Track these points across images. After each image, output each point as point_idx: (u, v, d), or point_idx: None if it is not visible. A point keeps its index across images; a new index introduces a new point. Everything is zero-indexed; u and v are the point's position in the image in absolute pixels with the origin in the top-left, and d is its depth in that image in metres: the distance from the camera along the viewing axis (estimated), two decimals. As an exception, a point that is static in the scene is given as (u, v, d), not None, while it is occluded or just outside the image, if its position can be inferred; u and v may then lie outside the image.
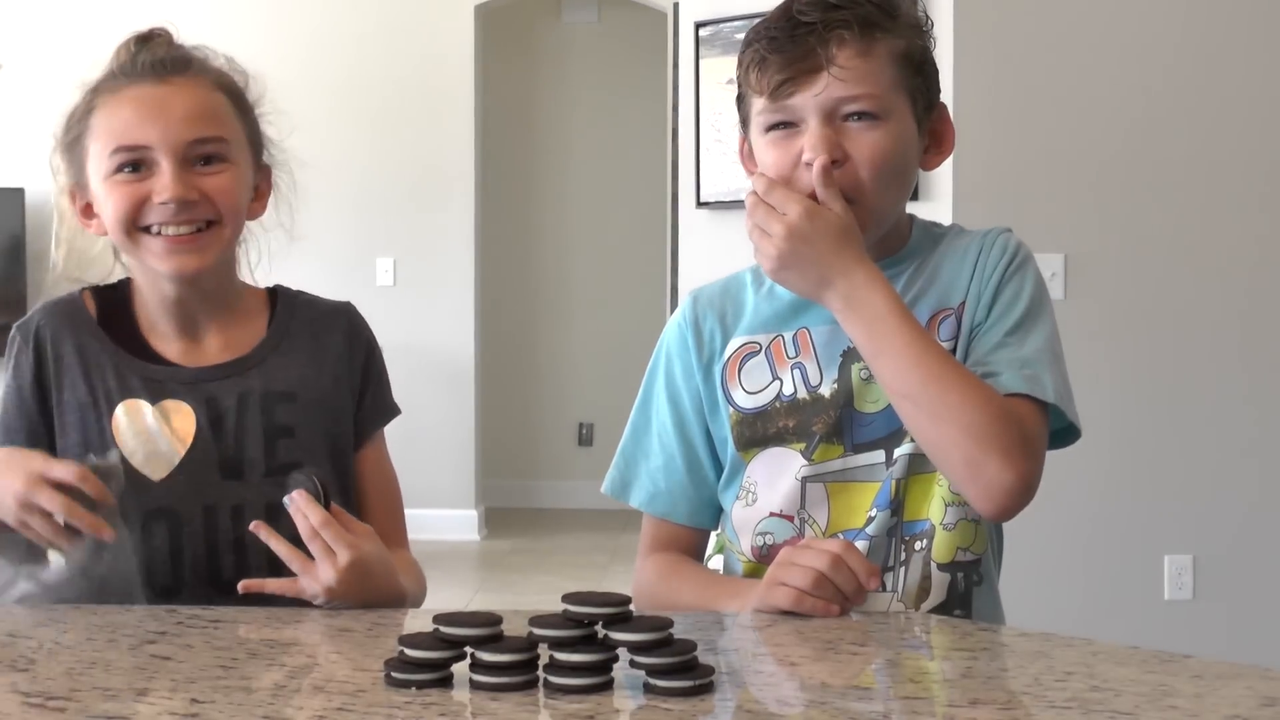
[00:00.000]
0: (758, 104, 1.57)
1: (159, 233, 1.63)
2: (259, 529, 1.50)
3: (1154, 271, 3.74)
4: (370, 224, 6.61)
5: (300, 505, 1.49)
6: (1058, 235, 3.69)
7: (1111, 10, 3.75)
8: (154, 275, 1.67)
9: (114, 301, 1.71)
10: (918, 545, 1.56)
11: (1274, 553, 3.73)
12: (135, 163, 1.62)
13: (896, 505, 1.56)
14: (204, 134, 1.64)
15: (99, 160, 1.64)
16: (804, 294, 1.54)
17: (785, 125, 1.55)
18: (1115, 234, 3.74)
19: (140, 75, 1.64)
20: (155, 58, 1.65)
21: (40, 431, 1.65)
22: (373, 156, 6.60)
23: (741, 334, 1.65)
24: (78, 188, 1.68)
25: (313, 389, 1.70)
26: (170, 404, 1.65)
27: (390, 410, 1.80)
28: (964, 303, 1.58)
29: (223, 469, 1.64)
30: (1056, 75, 3.73)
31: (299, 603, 1.49)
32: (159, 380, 1.66)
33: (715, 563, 1.75)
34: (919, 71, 1.58)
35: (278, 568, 1.55)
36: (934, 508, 1.56)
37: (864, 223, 1.54)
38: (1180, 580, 3.71)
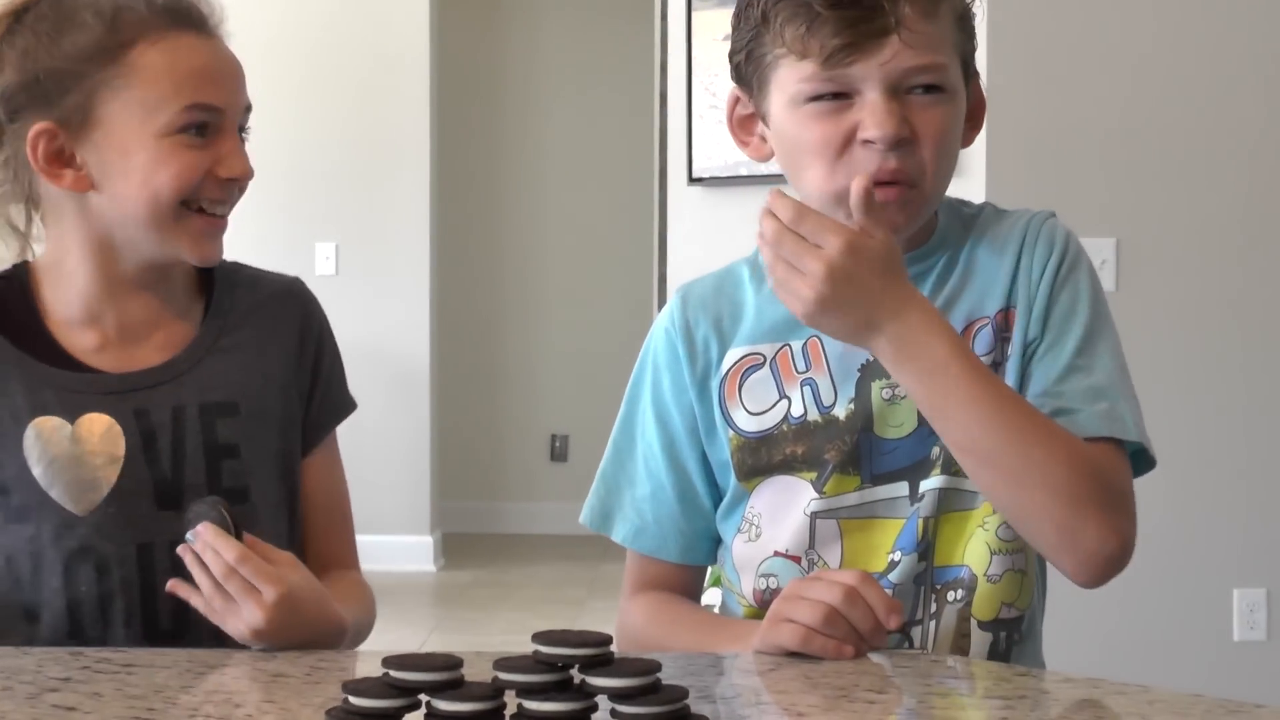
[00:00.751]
0: (798, 69, 1.53)
1: (207, 211, 1.63)
2: (176, 589, 1.50)
3: (1221, 259, 3.74)
4: (309, 203, 6.60)
5: (209, 540, 1.47)
6: (1108, 217, 3.70)
7: (1171, -45, 3.76)
8: (111, 254, 1.64)
9: (12, 296, 1.68)
10: (951, 595, 1.57)
11: (1360, 586, 3.74)
12: (204, 125, 1.62)
13: (925, 548, 1.56)
14: (249, 102, 1.68)
15: (152, 110, 1.60)
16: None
17: (835, 97, 1.52)
18: (1176, 215, 3.74)
19: (187, 24, 1.64)
20: (193, 7, 1.65)
21: None
22: (311, 124, 6.59)
23: (742, 343, 1.64)
24: (64, 128, 1.61)
25: (258, 397, 1.69)
26: (93, 420, 1.63)
27: (345, 406, 1.80)
28: (1005, 310, 1.57)
29: (159, 498, 1.62)
30: (1106, 33, 3.74)
31: (225, 642, 1.49)
32: (78, 391, 1.64)
33: (711, 596, 1.75)
34: (970, 34, 1.58)
35: None
36: (974, 553, 1.56)
37: (919, 213, 1.55)
38: (1252, 618, 3.72)
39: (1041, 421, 1.47)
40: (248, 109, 1.68)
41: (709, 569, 1.74)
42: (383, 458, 6.48)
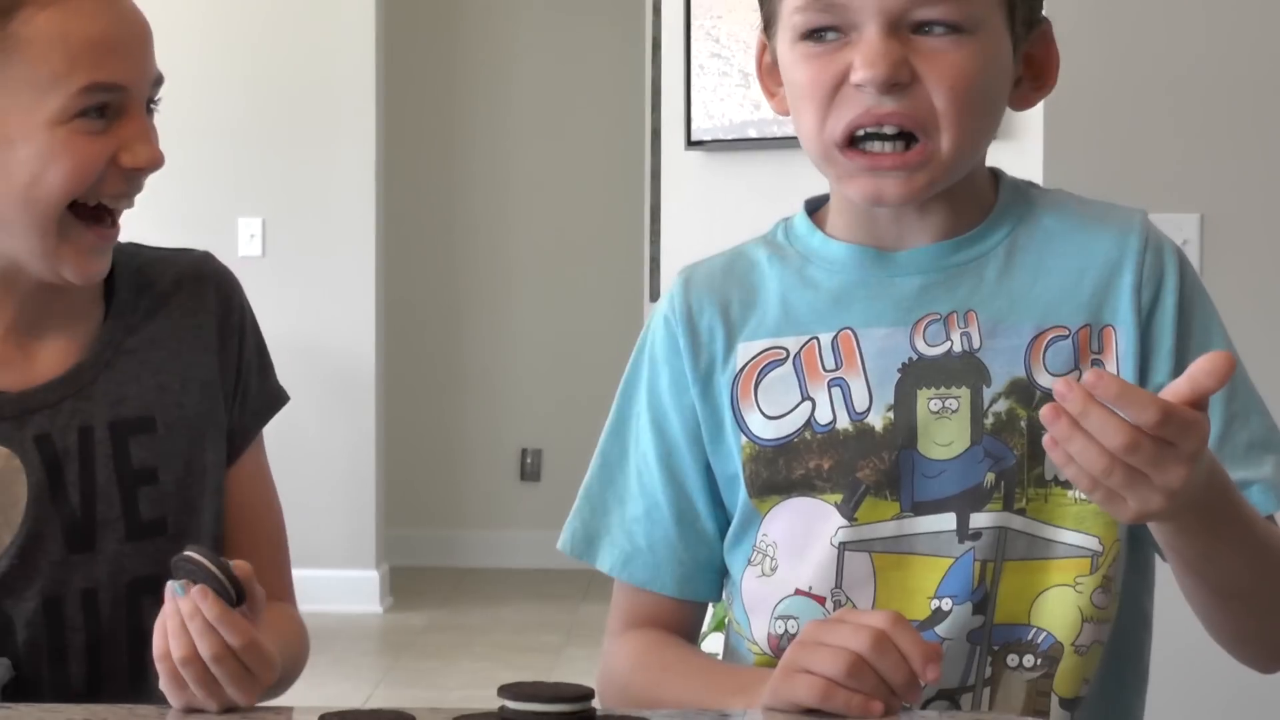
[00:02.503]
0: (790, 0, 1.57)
1: (108, 208, 1.61)
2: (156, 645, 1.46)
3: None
4: (231, 171, 6.59)
5: (211, 617, 1.42)
6: (1190, 187, 3.70)
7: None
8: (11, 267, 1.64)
9: None
10: (1012, 660, 1.57)
11: None
12: (105, 106, 1.60)
13: (982, 599, 1.57)
14: (157, 70, 1.65)
15: (42, 92, 1.58)
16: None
17: (829, 33, 1.54)
18: (1273, 184, 3.75)
19: None
20: None
21: None
22: (234, 74, 6.57)
23: (761, 335, 1.65)
24: None
25: (176, 406, 1.69)
26: None
27: (275, 399, 1.81)
28: (1091, 327, 1.59)
29: (68, 540, 1.63)
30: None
31: (129, 695, 1.50)
32: None
33: (713, 643, 1.76)
34: None
35: (140, 674, 1.59)
36: (1058, 617, 1.57)
37: (934, 175, 1.55)
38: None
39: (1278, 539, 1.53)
40: (158, 81, 1.66)
41: (711, 608, 1.74)
42: (319, 476, 6.48)
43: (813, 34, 1.55)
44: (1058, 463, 1.32)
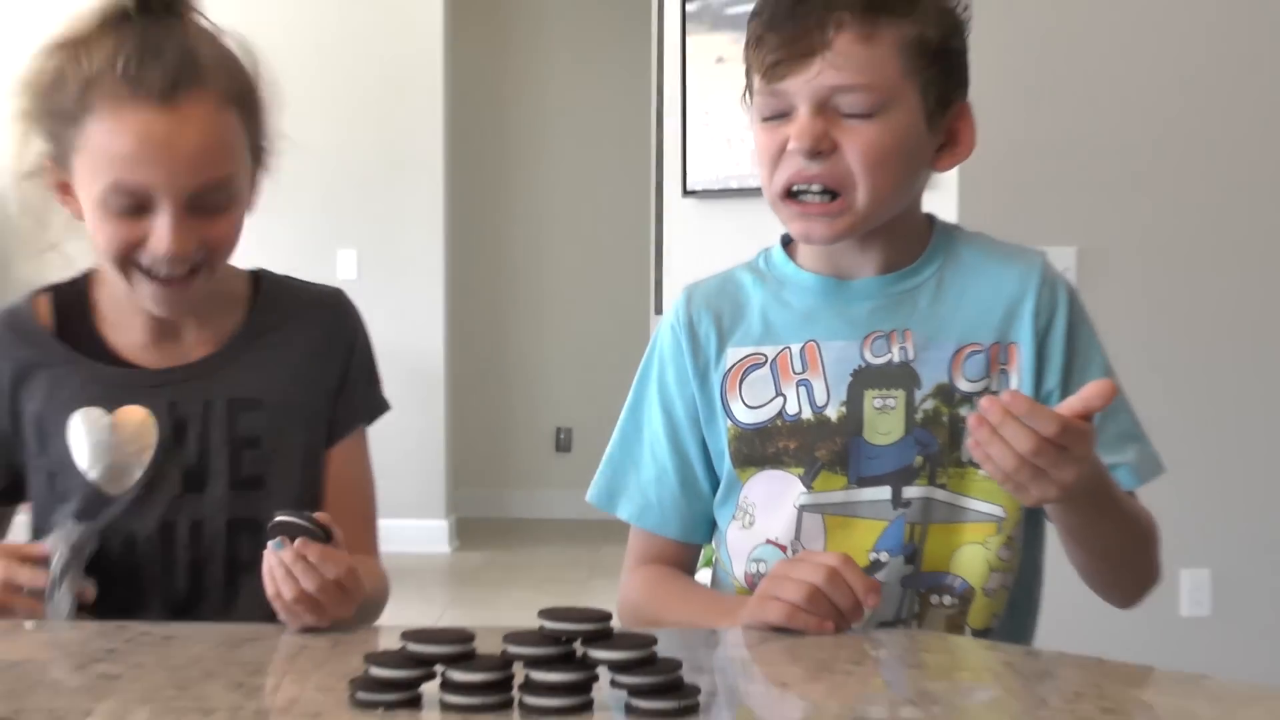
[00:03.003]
0: (755, 84, 1.59)
1: (150, 275, 1.60)
2: (267, 585, 1.46)
3: (1175, 267, 3.75)
4: (334, 212, 6.60)
5: (314, 560, 1.43)
6: (1069, 226, 3.70)
7: (1128, -13, 3.76)
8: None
9: (72, 300, 1.71)
10: (935, 599, 1.58)
11: (1299, 567, 3.74)
12: (133, 204, 1.56)
13: (912, 552, 1.57)
14: (211, 177, 1.56)
15: (89, 178, 1.56)
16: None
17: (778, 115, 1.56)
18: (1134, 225, 3.74)
19: (147, 93, 1.53)
20: (166, 70, 1.54)
21: (13, 445, 1.67)
22: (335, 136, 6.58)
23: (746, 343, 1.65)
24: (56, 163, 1.60)
25: (279, 394, 1.70)
26: (130, 411, 1.66)
27: (375, 407, 1.81)
28: (1000, 344, 1.59)
29: (184, 482, 1.66)
30: (1073, 54, 3.74)
31: (259, 616, 1.51)
32: (120, 385, 1.67)
33: (703, 576, 1.76)
34: (934, 62, 1.57)
35: (233, 592, 1.63)
36: (970, 567, 1.58)
37: (850, 224, 1.56)
38: (1197, 596, 3.73)
39: (1142, 521, 1.57)
40: (209, 185, 1.57)
41: (703, 548, 1.75)
42: (401, 448, 6.47)
43: (768, 115, 1.58)
44: (978, 459, 1.37)
